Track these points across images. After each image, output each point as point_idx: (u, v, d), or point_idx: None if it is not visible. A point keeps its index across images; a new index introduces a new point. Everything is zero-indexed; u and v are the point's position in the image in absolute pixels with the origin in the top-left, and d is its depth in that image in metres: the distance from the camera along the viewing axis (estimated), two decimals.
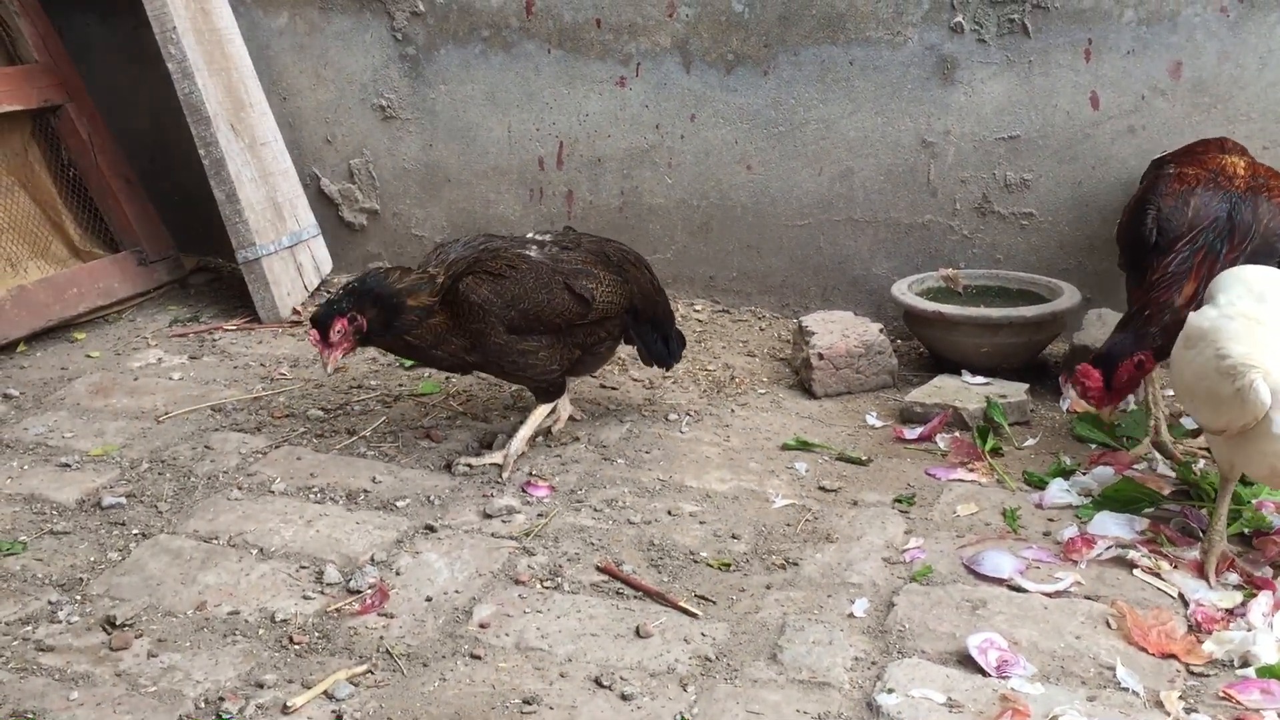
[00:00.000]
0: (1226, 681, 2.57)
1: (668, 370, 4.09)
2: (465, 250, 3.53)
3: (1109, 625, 2.75)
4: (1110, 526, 3.16)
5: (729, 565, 3.07)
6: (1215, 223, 3.44)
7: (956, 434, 3.77)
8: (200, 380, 4.31)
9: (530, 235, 3.70)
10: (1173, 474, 3.44)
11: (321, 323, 3.34)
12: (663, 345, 3.86)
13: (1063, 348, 4.38)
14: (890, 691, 2.53)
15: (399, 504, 3.38)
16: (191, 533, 3.23)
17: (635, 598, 2.93)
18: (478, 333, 3.45)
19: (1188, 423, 3.76)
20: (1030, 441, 3.75)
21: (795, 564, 3.07)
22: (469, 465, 3.57)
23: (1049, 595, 2.88)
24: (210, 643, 2.75)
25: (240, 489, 3.47)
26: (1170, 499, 3.28)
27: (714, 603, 2.90)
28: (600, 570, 3.04)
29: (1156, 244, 3.52)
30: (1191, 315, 3.00)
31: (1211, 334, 2.85)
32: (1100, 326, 4.13)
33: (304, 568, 3.06)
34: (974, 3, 4.36)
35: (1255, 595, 2.83)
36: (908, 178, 4.62)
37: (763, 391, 4.20)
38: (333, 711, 2.51)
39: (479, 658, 2.69)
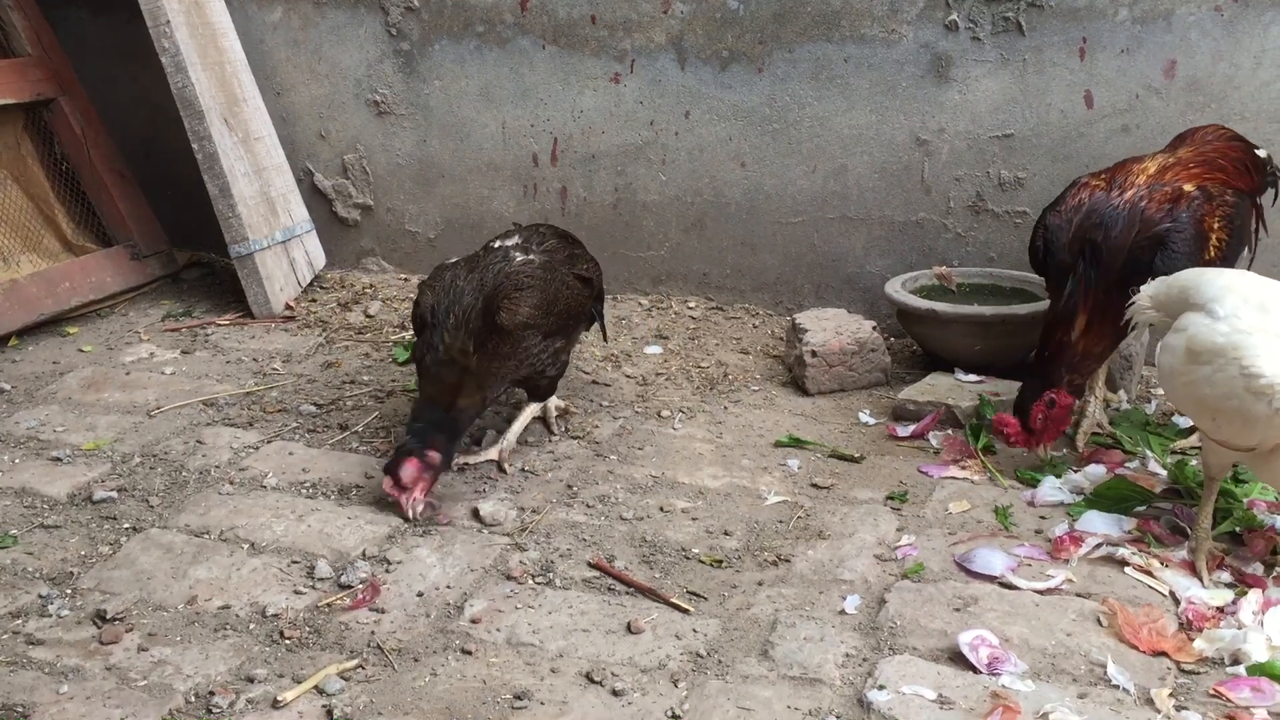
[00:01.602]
0: (1217, 679, 2.57)
1: (606, 342, 4.31)
2: (464, 297, 3.40)
3: (1100, 623, 2.76)
4: (1098, 524, 3.16)
5: (721, 562, 3.07)
6: (1087, 245, 3.39)
7: (949, 432, 3.77)
8: (192, 375, 4.30)
9: (498, 244, 3.65)
10: (1164, 472, 3.44)
11: (390, 471, 3.25)
12: (602, 319, 4.01)
13: None
14: (881, 688, 2.53)
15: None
16: (183, 527, 3.23)
17: (627, 594, 2.93)
18: (525, 350, 3.44)
19: (1182, 422, 3.76)
20: None
21: (787, 561, 3.07)
22: (464, 462, 3.56)
23: (1040, 593, 2.88)
24: (201, 637, 2.75)
25: (232, 484, 3.46)
26: (1162, 497, 3.29)
27: (705, 599, 2.90)
28: (592, 566, 3.04)
29: (1046, 262, 3.51)
30: (1195, 329, 2.85)
31: (1232, 351, 2.74)
32: None
33: (295, 563, 3.05)
34: (969, 0, 4.36)
35: (1246, 593, 2.83)
36: (902, 175, 4.62)
37: (756, 389, 4.20)
38: (323, 706, 2.51)
39: (470, 653, 2.69)
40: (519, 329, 3.38)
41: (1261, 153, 3.75)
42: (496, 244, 3.68)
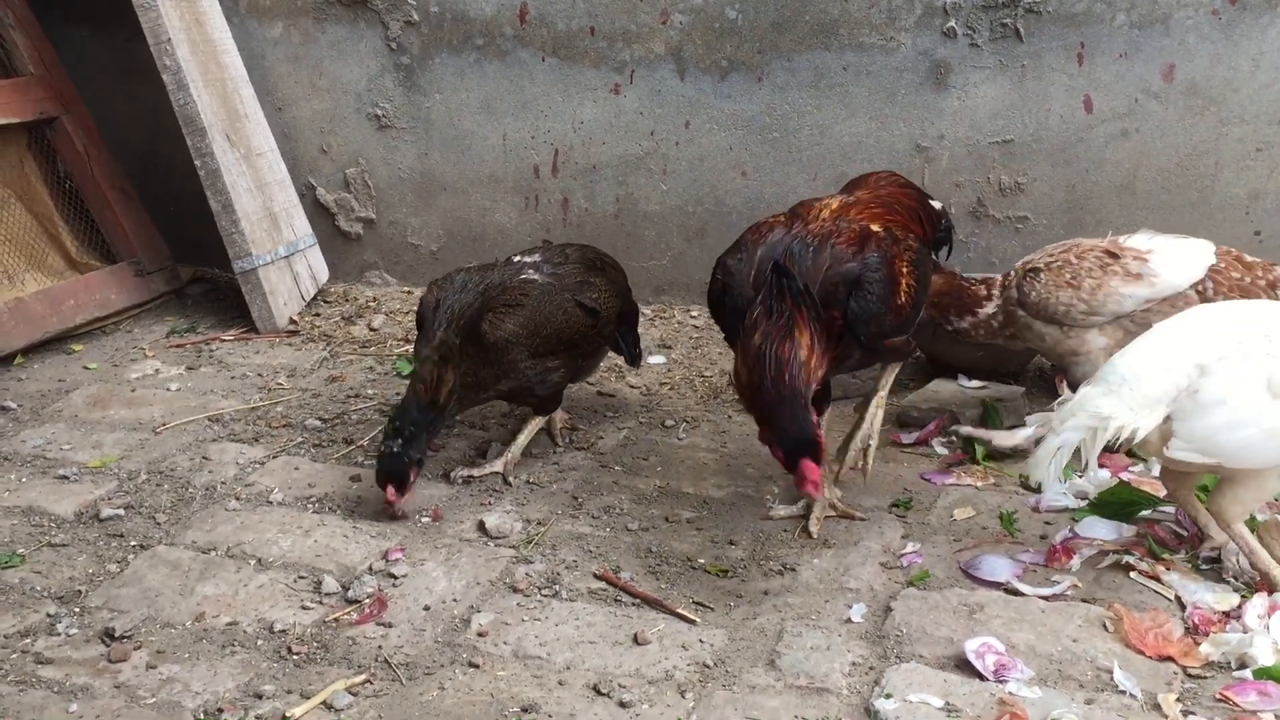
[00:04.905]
0: (1224, 683, 2.57)
1: (636, 368, 4.19)
2: (464, 295, 3.48)
3: (1106, 628, 2.76)
4: (1098, 530, 3.16)
5: (727, 571, 3.08)
6: (772, 275, 2.95)
7: (953, 438, 3.77)
8: (198, 391, 4.31)
9: (517, 258, 3.70)
10: None
11: (397, 477, 3.29)
12: (635, 345, 4.00)
13: None
14: (888, 697, 2.53)
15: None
16: (190, 544, 3.24)
17: (633, 605, 2.94)
18: (509, 363, 3.45)
19: None
20: None
21: (793, 570, 3.08)
22: (469, 475, 3.57)
23: (1046, 599, 2.88)
24: (209, 654, 2.76)
25: (238, 499, 3.47)
26: (1165, 501, 3.28)
27: (712, 609, 2.91)
28: (598, 578, 3.05)
29: (724, 303, 3.10)
30: (1272, 370, 2.68)
31: None
32: None
33: (302, 578, 3.06)
34: (967, 7, 4.38)
35: (1251, 597, 2.83)
36: None
37: None
38: None
39: (477, 666, 2.69)
40: (500, 343, 3.40)
41: (936, 204, 3.59)
42: (516, 258, 3.71)
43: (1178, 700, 2.51)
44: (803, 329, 2.90)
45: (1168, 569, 2.97)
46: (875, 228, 3.13)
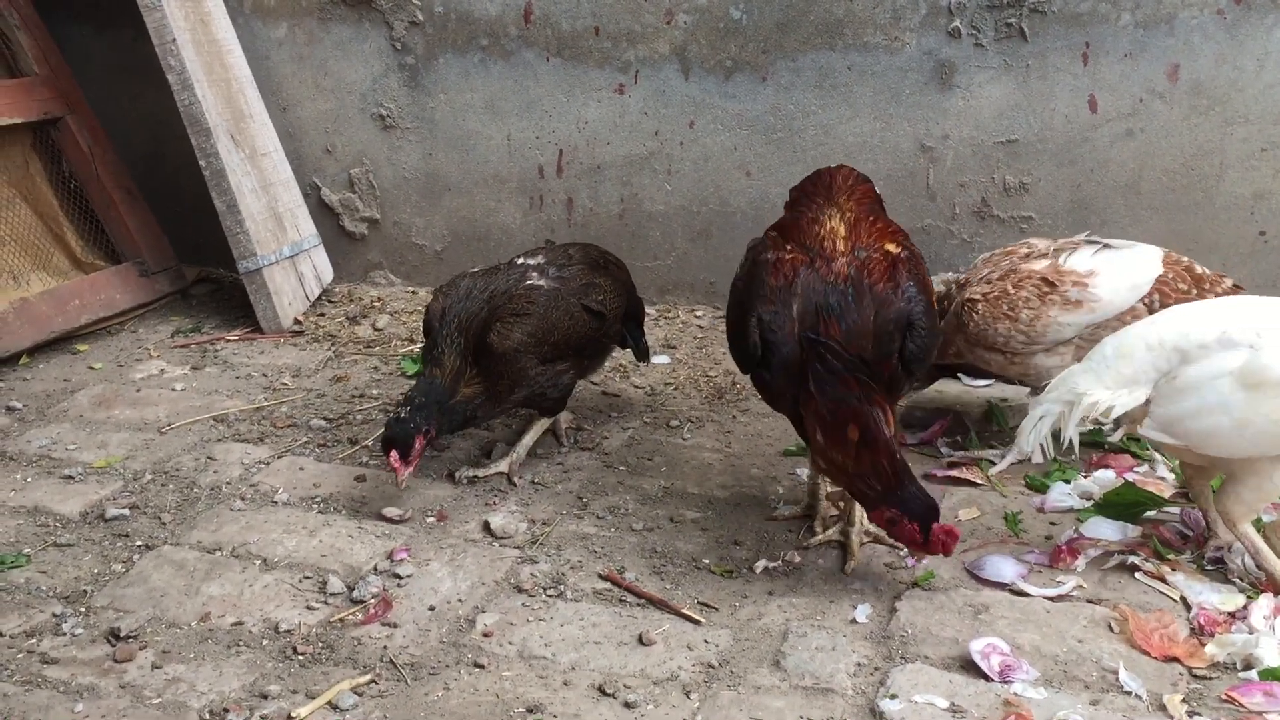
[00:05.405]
0: (1229, 684, 2.57)
1: (647, 363, 4.26)
2: (470, 304, 3.47)
3: (1111, 629, 2.76)
4: (1103, 530, 3.16)
5: (731, 572, 3.08)
6: (817, 345, 2.85)
7: (957, 438, 3.77)
8: (203, 391, 4.31)
9: (520, 260, 3.70)
10: (1172, 476, 3.44)
11: (400, 442, 3.26)
12: (643, 340, 4.05)
13: None
14: (893, 697, 2.54)
15: (402, 513, 3.38)
16: (195, 544, 3.24)
17: (638, 605, 2.94)
18: (519, 372, 3.45)
19: None
20: None
21: (798, 570, 3.07)
22: (474, 475, 3.57)
23: (1051, 599, 2.89)
24: (214, 654, 2.76)
25: (243, 499, 3.47)
26: (1170, 501, 3.28)
27: (717, 609, 2.91)
28: (603, 578, 3.05)
29: (766, 359, 2.95)
30: (1245, 366, 2.69)
31: None
32: None
33: (307, 578, 3.06)
34: (971, 7, 4.37)
35: (1257, 598, 2.83)
36: (907, 182, 4.63)
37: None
38: None
39: (482, 666, 2.70)
40: (509, 353, 3.40)
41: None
42: (520, 260, 3.70)
43: (1183, 701, 2.51)
44: (879, 404, 2.84)
45: (1173, 569, 2.97)
46: (891, 248, 2.98)
